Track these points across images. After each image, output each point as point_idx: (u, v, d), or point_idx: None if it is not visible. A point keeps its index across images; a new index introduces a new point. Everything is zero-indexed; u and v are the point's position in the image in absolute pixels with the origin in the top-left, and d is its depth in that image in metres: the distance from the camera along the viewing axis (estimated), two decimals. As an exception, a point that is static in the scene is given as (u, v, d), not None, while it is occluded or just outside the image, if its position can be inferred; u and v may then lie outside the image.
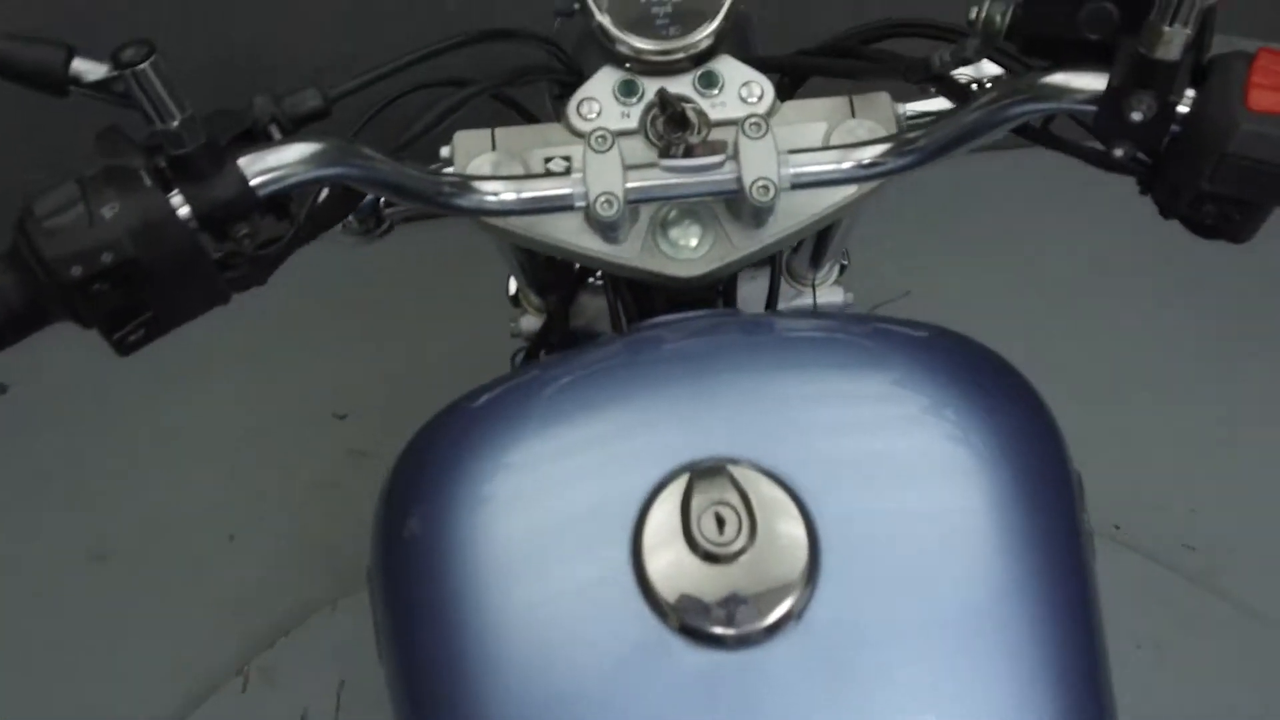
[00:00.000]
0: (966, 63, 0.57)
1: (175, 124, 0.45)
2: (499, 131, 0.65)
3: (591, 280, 0.84)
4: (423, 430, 0.59)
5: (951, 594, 0.50)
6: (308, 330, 1.81)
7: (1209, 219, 0.50)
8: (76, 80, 0.48)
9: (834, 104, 0.65)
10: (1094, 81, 0.50)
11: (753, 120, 0.58)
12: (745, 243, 0.64)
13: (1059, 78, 0.51)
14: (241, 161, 0.49)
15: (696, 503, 0.49)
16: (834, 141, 0.64)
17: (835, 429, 0.54)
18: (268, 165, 0.49)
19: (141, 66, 0.43)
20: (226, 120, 0.50)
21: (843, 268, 0.92)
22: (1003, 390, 0.57)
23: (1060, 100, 0.51)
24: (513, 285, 0.92)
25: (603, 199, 0.58)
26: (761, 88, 0.65)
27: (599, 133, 0.58)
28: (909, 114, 0.68)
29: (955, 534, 0.51)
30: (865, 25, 0.68)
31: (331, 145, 0.51)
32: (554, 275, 0.83)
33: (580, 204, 0.59)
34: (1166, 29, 0.44)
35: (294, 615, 1.55)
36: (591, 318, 0.87)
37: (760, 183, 0.58)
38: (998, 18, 0.53)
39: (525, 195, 0.58)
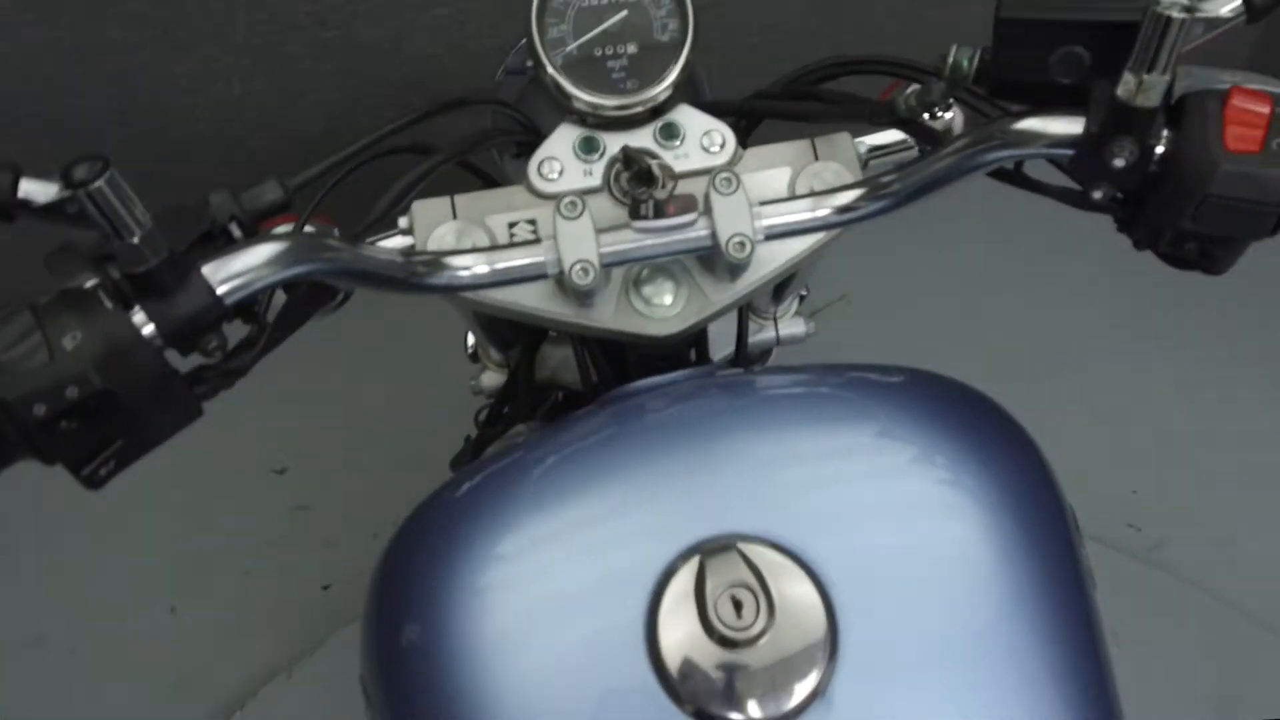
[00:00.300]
0: (932, 106, 0.57)
1: (135, 239, 0.42)
2: (459, 199, 0.63)
3: (553, 333, 0.82)
4: (406, 526, 0.56)
5: (973, 648, 0.49)
6: (240, 384, 1.74)
7: (1189, 255, 0.50)
8: (25, 204, 0.44)
9: (797, 148, 0.65)
10: (1070, 126, 0.50)
11: (723, 175, 0.57)
12: (720, 296, 0.62)
13: (1034, 123, 0.51)
14: (206, 270, 0.45)
15: (711, 586, 0.47)
16: (800, 185, 0.64)
17: (838, 491, 0.53)
18: (233, 271, 0.46)
19: (96, 184, 0.40)
20: (182, 218, 0.47)
21: (801, 297, 0.92)
22: (995, 433, 0.57)
23: (1037, 145, 0.51)
24: (470, 340, 0.89)
25: (578, 267, 0.56)
26: (723, 136, 0.64)
27: (569, 199, 0.57)
28: (867, 148, 0.68)
29: (968, 587, 0.51)
30: (817, 64, 0.67)
31: (297, 243, 0.48)
32: (515, 330, 0.81)
33: (554, 272, 0.57)
34: (1146, 77, 0.44)
35: (246, 688, 1.48)
36: (555, 369, 0.85)
37: (736, 239, 0.57)
38: (965, 63, 0.52)
39: (499, 267, 0.56)
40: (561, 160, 0.63)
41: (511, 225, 0.62)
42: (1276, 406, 1.75)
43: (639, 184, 0.61)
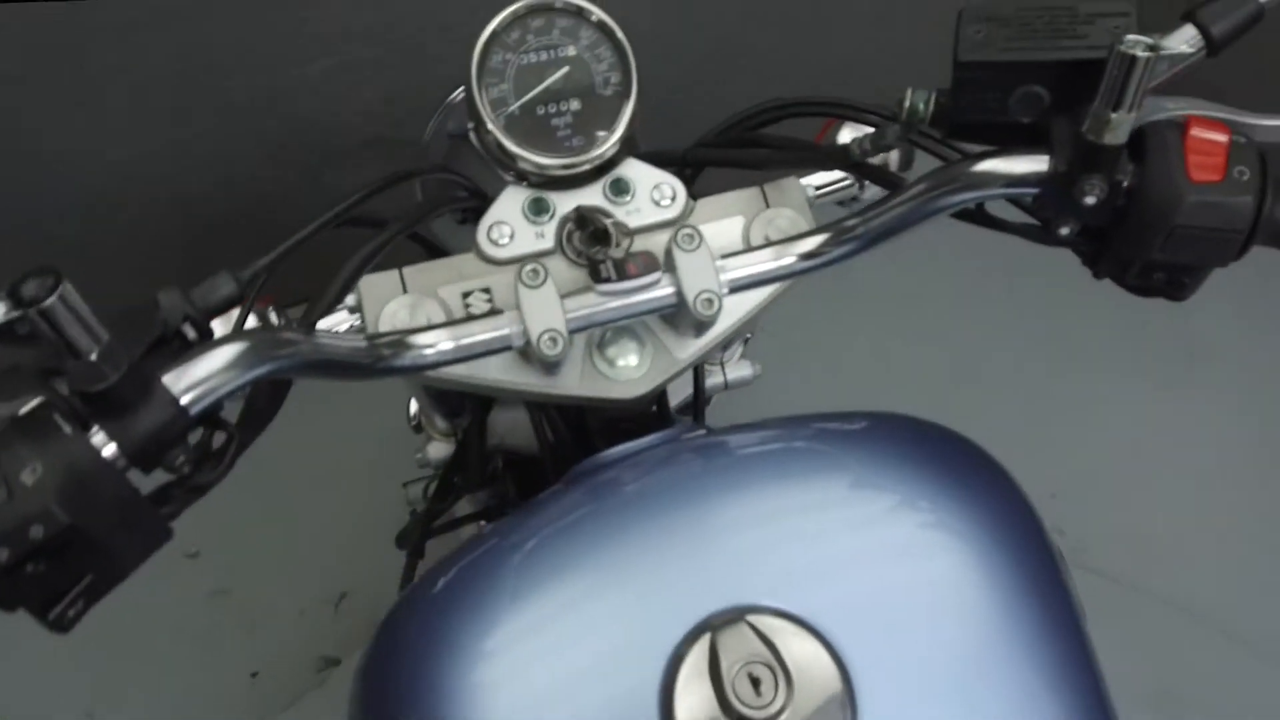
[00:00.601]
0: (888, 149, 0.57)
1: (94, 356, 0.38)
2: (407, 271, 0.60)
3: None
4: (385, 630, 0.53)
5: (983, 686, 0.49)
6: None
7: (1157, 284, 0.51)
8: None
9: (747, 195, 0.64)
10: (1033, 164, 0.50)
11: (684, 232, 0.56)
12: (685, 352, 0.61)
13: (997, 163, 0.51)
14: (167, 380, 0.41)
15: (725, 665, 0.45)
16: (754, 233, 0.63)
17: (835, 548, 0.52)
18: (196, 378, 0.42)
19: (49, 302, 0.36)
20: (133, 322, 0.43)
21: (746, 340, 0.91)
22: (975, 472, 0.57)
23: (1001, 186, 0.51)
24: (413, 409, 0.85)
25: (546, 337, 0.54)
26: (673, 189, 0.63)
27: (530, 266, 0.54)
28: (813, 189, 0.68)
29: (969, 628, 0.50)
30: (755, 108, 0.67)
31: (257, 341, 0.44)
32: (463, 397, 0.78)
33: (520, 343, 0.55)
34: (1114, 115, 0.45)
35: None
36: (504, 434, 0.82)
37: (704, 296, 0.55)
38: (921, 106, 0.52)
39: (464, 343, 0.54)
40: (511, 224, 0.61)
41: (466, 295, 0.60)
42: (1176, 405, 1.83)
43: (594, 243, 0.59)
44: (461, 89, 0.82)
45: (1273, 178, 0.46)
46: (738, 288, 0.57)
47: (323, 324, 0.58)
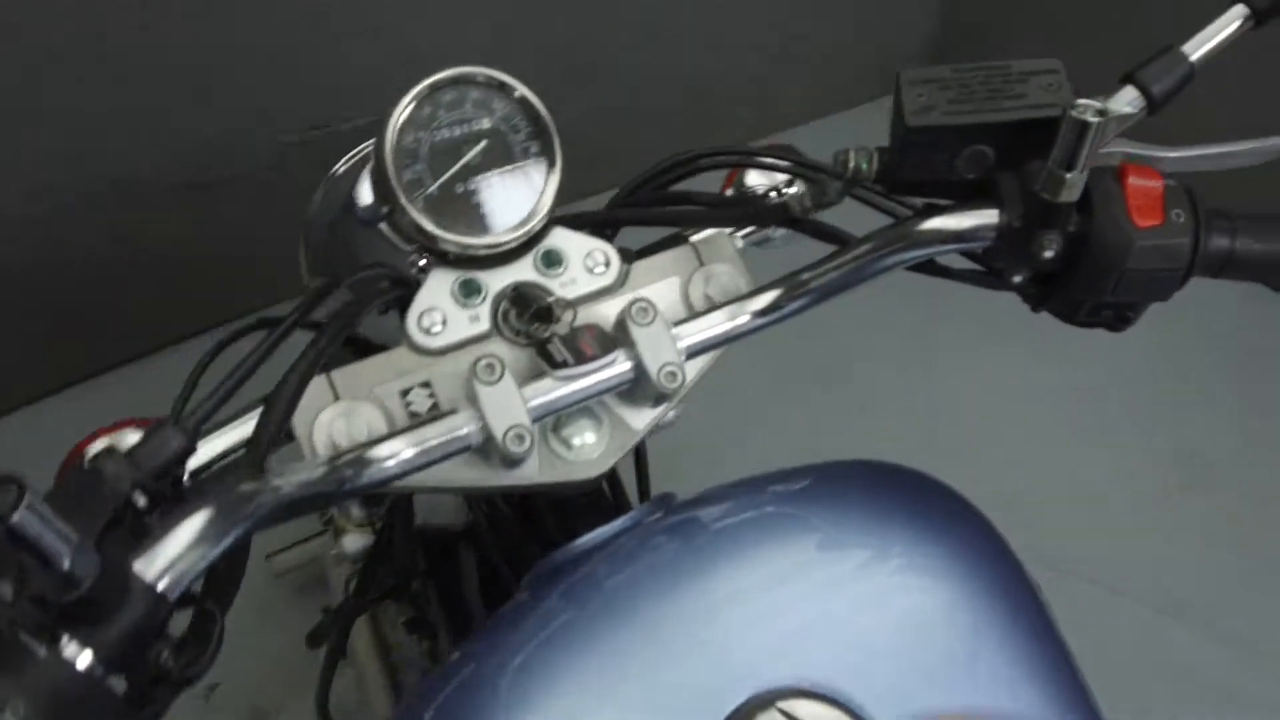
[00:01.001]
0: (829, 205, 0.57)
1: (66, 563, 0.32)
2: (336, 375, 0.55)
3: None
4: None
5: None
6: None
7: (1104, 319, 0.53)
8: None
9: (680, 254, 0.62)
10: (984, 219, 0.51)
11: (638, 305, 0.54)
12: (642, 422, 0.59)
13: (948, 220, 0.52)
14: (138, 567, 0.36)
15: None
16: (693, 292, 0.62)
17: (841, 611, 0.51)
18: (170, 560, 0.37)
19: (16, 518, 0.30)
20: (81, 501, 0.37)
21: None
22: (952, 514, 0.58)
23: (954, 241, 0.52)
24: (323, 503, 0.79)
25: (512, 434, 0.51)
26: (606, 254, 0.60)
27: (484, 361, 0.51)
28: (740, 237, 0.67)
29: (973, 670, 0.51)
30: (671, 159, 0.65)
31: (222, 504, 0.39)
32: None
33: (479, 442, 0.51)
34: (1068, 177, 0.46)
35: None
36: (425, 515, 0.78)
37: (667, 369, 0.54)
38: (865, 165, 0.53)
39: (425, 448, 0.50)
40: (442, 309, 0.57)
41: (404, 394, 0.56)
42: (1046, 373, 1.92)
43: (535, 321, 0.57)
44: (344, 161, 0.77)
45: (1203, 214, 0.49)
46: (695, 353, 0.56)
47: None
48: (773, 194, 0.73)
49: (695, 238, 0.63)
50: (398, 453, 0.49)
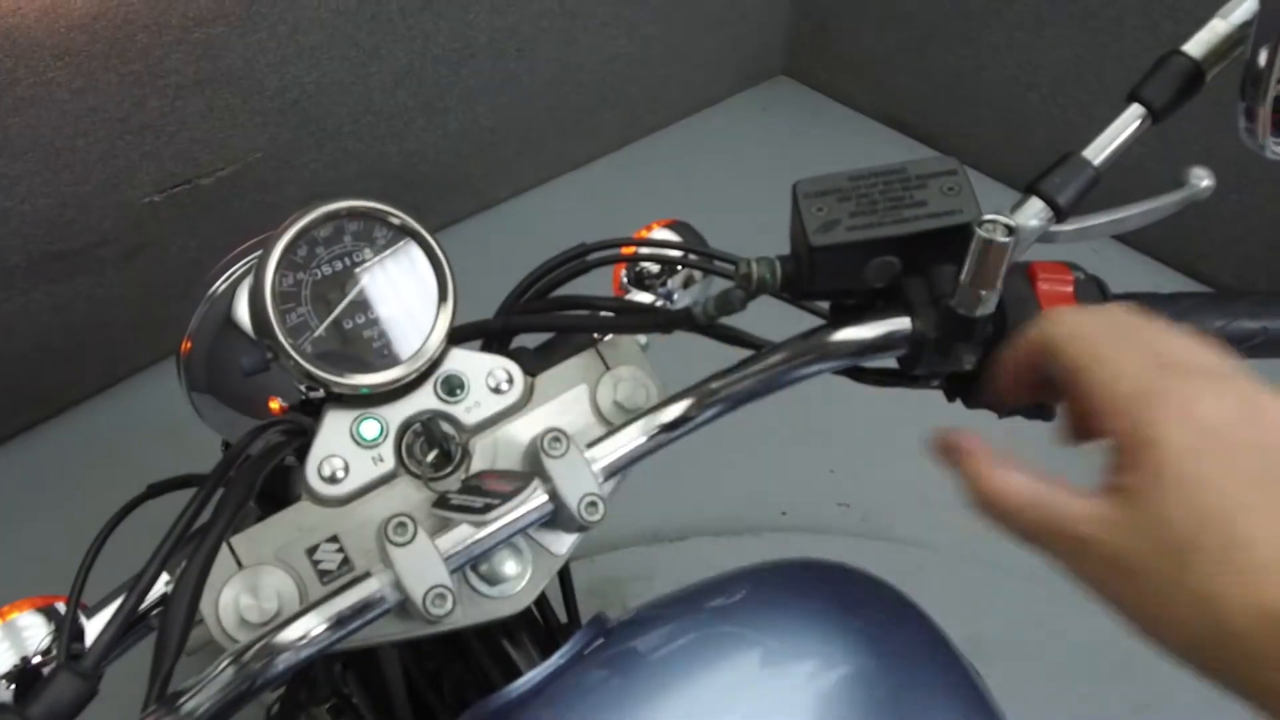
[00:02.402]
0: (733, 312, 0.55)
1: None
2: (236, 540, 0.52)
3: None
4: None
5: None
6: None
7: (1031, 411, 0.53)
8: None
9: (584, 361, 0.61)
10: (895, 326, 0.50)
11: (550, 436, 0.52)
12: (563, 546, 0.57)
13: (861, 331, 0.50)
14: None
15: None
16: (601, 398, 0.60)
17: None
18: None
19: None
20: None
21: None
22: (894, 614, 0.59)
23: (869, 352, 0.51)
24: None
25: (433, 595, 0.48)
26: (509, 372, 0.58)
27: (396, 521, 0.49)
28: (643, 339, 0.66)
29: None
30: (560, 258, 0.64)
31: None
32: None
33: (395, 603, 0.49)
34: (983, 294, 0.45)
35: None
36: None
37: (587, 500, 0.52)
38: (768, 276, 0.51)
39: (343, 617, 0.47)
40: (342, 454, 0.54)
41: (311, 552, 0.53)
42: None
43: (439, 463, 0.55)
44: (223, 279, 0.72)
45: (1111, 299, 0.50)
46: (613, 473, 0.54)
47: None
48: (671, 281, 0.72)
49: (601, 344, 0.62)
50: (310, 630, 0.47)
